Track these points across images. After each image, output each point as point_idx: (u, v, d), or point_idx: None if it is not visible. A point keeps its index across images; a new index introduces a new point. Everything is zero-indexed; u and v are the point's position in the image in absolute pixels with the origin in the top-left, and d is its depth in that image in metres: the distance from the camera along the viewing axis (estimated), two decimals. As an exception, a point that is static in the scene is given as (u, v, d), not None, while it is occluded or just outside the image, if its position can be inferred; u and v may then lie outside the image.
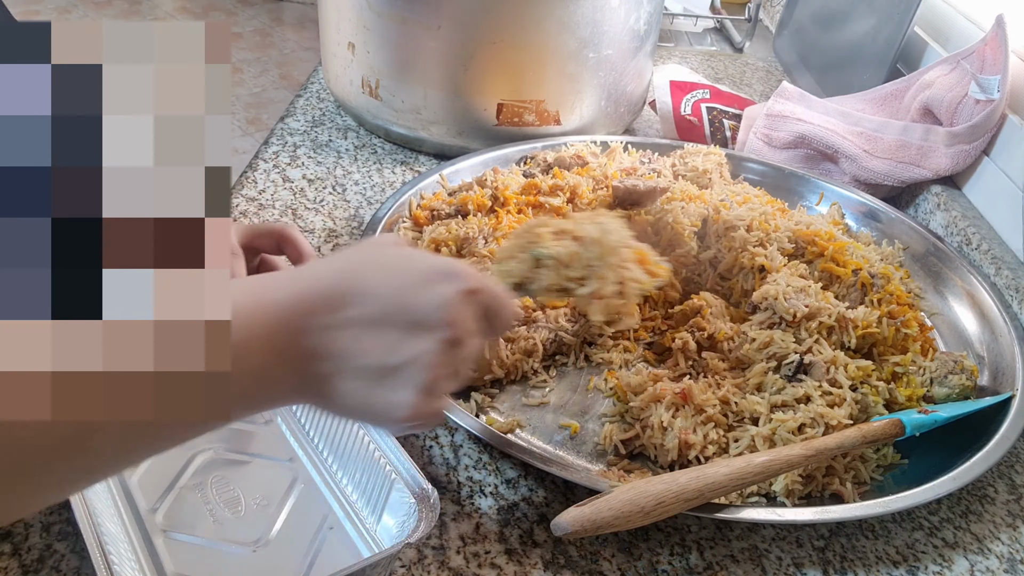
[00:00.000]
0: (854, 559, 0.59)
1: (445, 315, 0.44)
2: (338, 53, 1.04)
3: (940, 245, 0.89)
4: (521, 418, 0.67)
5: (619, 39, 1.00)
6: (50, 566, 0.52)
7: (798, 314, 0.70)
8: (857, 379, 0.67)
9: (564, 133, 1.03)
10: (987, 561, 0.60)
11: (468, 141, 1.01)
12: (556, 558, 0.56)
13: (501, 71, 0.97)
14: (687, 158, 0.97)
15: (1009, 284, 0.83)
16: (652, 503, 0.53)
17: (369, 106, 1.04)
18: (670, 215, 0.81)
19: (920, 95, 1.02)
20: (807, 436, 0.63)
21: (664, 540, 0.59)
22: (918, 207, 1.01)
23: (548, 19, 0.94)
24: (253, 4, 4.41)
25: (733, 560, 0.58)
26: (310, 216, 0.91)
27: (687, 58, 1.51)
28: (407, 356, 0.43)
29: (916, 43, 1.15)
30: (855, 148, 1.02)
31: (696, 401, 0.65)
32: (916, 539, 0.61)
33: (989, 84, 0.93)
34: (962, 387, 0.69)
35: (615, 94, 1.05)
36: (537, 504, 0.60)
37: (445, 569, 0.55)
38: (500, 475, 0.62)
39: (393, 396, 0.43)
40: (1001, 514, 0.65)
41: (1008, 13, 0.95)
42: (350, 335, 0.42)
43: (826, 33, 1.35)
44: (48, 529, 0.54)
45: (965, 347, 0.79)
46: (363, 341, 0.42)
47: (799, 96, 1.11)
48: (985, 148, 0.95)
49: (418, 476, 0.54)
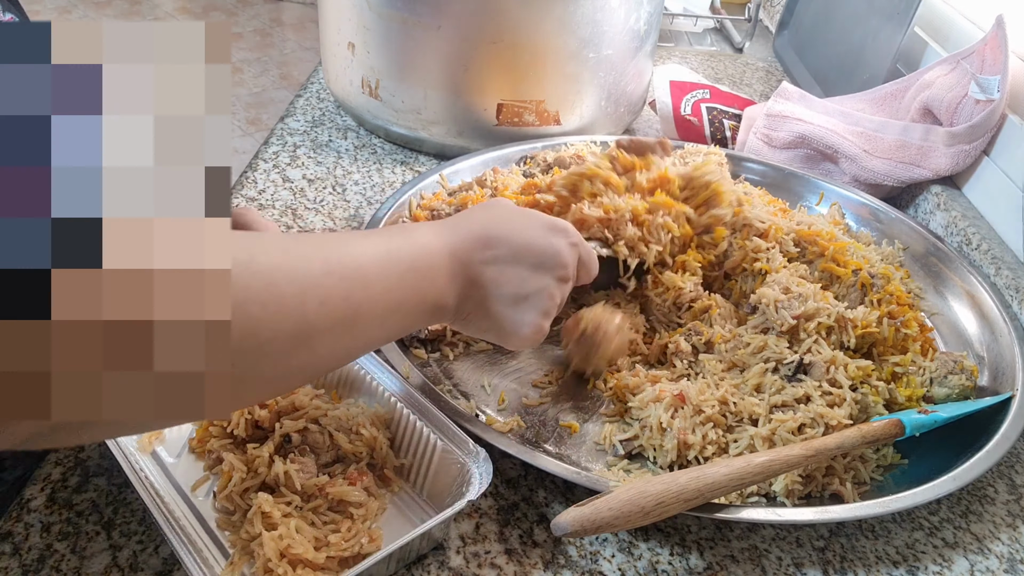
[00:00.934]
0: (854, 559, 0.59)
1: (560, 259, 0.58)
2: (338, 53, 1.04)
3: (940, 245, 0.89)
4: (520, 418, 0.67)
5: (619, 39, 1.00)
6: (50, 566, 0.52)
7: (785, 325, 0.70)
8: (857, 379, 0.67)
9: (564, 133, 1.03)
10: (987, 561, 0.60)
11: (468, 141, 1.01)
12: (556, 558, 0.56)
13: (501, 71, 0.97)
14: (687, 158, 0.97)
15: (1009, 284, 0.83)
16: (652, 503, 0.53)
17: (369, 106, 1.04)
18: (711, 174, 0.80)
19: (920, 95, 1.02)
20: (807, 436, 0.63)
21: (664, 540, 0.59)
22: (918, 207, 1.01)
23: (548, 19, 0.94)
24: (253, 4, 4.41)
25: (733, 560, 0.58)
26: (310, 216, 0.91)
27: (687, 58, 1.51)
28: (534, 288, 0.57)
29: (916, 43, 1.15)
30: (855, 148, 1.02)
31: (693, 402, 0.65)
32: (916, 539, 0.61)
33: (989, 84, 0.93)
34: (962, 387, 0.69)
35: (615, 94, 1.05)
36: (537, 504, 0.60)
37: (445, 569, 0.55)
38: (500, 475, 0.62)
39: (522, 316, 0.57)
40: (1001, 514, 0.65)
41: (1008, 13, 0.95)
42: (496, 269, 0.56)
43: (826, 33, 1.35)
44: (48, 529, 0.54)
45: (965, 347, 0.79)
46: (506, 273, 0.56)
47: (799, 96, 1.11)
48: (985, 148, 0.95)
49: (462, 435, 0.58)
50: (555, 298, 0.59)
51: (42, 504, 0.55)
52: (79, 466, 0.58)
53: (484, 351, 0.74)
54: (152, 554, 0.53)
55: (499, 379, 0.71)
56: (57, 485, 0.57)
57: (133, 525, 0.55)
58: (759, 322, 0.73)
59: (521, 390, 0.71)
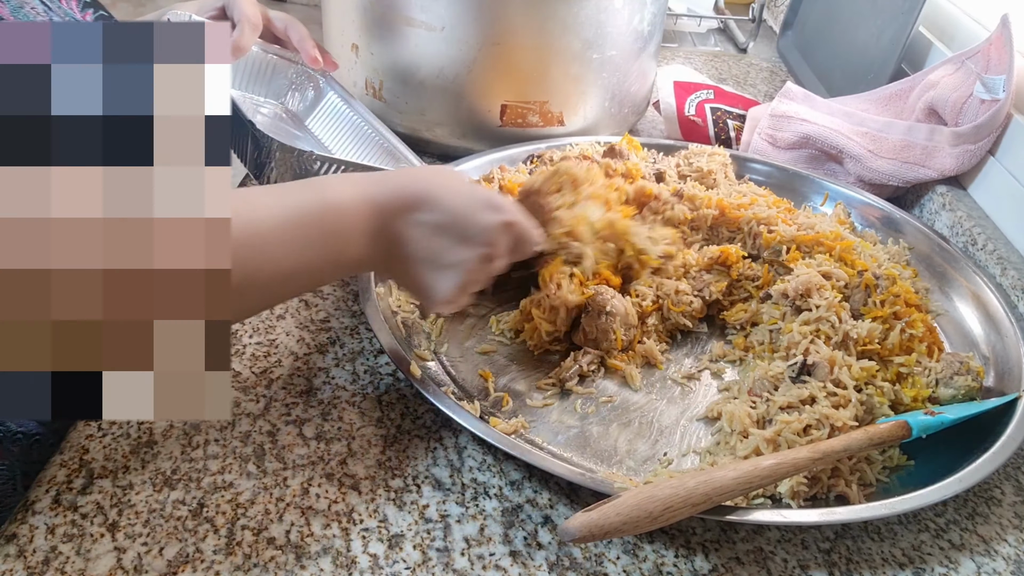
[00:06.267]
0: (860, 561, 0.59)
1: (488, 236, 0.58)
2: (342, 54, 1.04)
3: (945, 245, 0.88)
4: (525, 420, 0.67)
5: (623, 40, 1.00)
6: (55, 568, 0.52)
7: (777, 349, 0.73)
8: (862, 380, 0.67)
9: (568, 134, 1.03)
10: (994, 563, 0.60)
11: (472, 142, 1.01)
12: (561, 560, 0.56)
13: (505, 72, 0.97)
14: (692, 159, 0.97)
15: (1015, 284, 0.83)
16: (660, 508, 0.53)
17: (373, 107, 1.04)
18: None
19: (925, 95, 1.02)
20: (812, 438, 0.62)
21: (669, 542, 0.59)
22: (923, 207, 1.01)
23: (552, 20, 0.94)
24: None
25: (738, 562, 0.58)
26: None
27: (691, 59, 1.50)
28: (454, 260, 0.57)
29: (921, 43, 1.15)
30: (860, 148, 1.01)
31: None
32: (922, 541, 0.61)
33: (994, 84, 0.93)
34: (968, 388, 0.69)
35: (619, 95, 1.05)
36: (542, 506, 0.60)
37: (449, 571, 0.55)
38: (504, 477, 0.62)
39: (438, 283, 0.58)
40: (1008, 516, 0.64)
41: (1013, 13, 0.95)
42: (422, 232, 0.56)
43: (830, 33, 1.34)
44: (53, 531, 0.54)
45: (971, 348, 0.78)
46: (430, 239, 0.56)
47: (803, 96, 1.11)
48: (990, 148, 0.95)
49: None
50: (476, 274, 0.59)
51: (47, 506, 0.55)
52: (83, 468, 0.58)
53: (488, 352, 0.74)
54: (157, 556, 0.53)
55: (503, 380, 0.71)
56: (62, 487, 0.57)
57: (138, 527, 0.55)
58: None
59: (525, 391, 0.70)
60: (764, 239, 0.83)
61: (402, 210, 0.55)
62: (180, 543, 0.54)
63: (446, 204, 0.56)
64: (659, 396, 0.72)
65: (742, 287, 0.80)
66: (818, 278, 0.74)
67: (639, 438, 0.67)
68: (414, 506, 0.59)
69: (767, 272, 0.80)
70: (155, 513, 0.56)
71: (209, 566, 0.53)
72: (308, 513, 0.57)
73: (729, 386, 0.73)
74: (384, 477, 0.61)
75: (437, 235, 0.56)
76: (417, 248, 0.57)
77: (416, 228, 0.56)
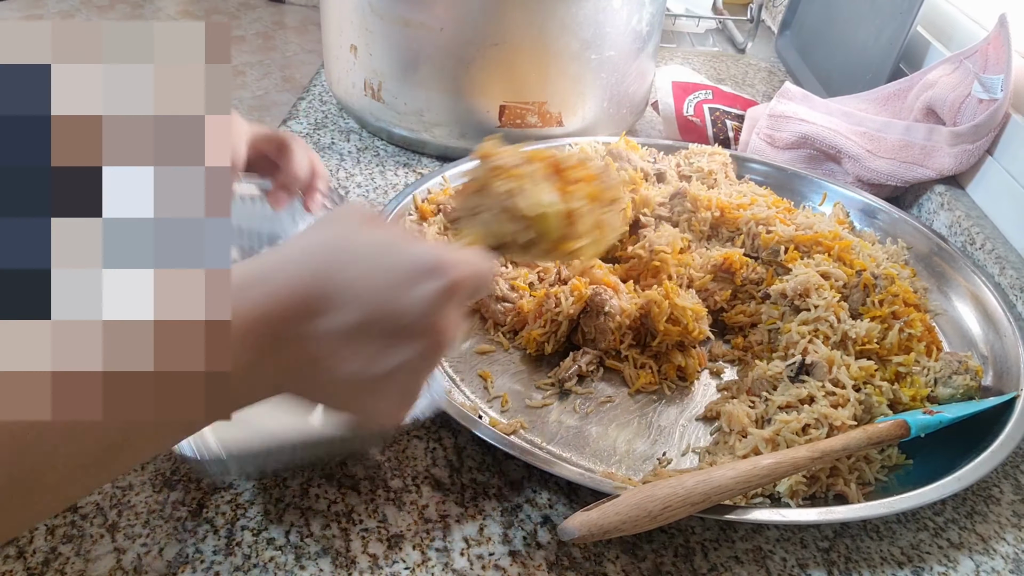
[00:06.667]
0: (859, 560, 0.59)
1: (430, 321, 0.40)
2: (340, 56, 1.04)
3: (944, 245, 0.88)
4: (524, 420, 0.67)
5: (621, 40, 1.00)
6: (55, 569, 0.52)
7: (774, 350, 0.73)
8: (860, 379, 0.67)
9: (567, 135, 1.03)
10: (992, 562, 0.60)
11: (471, 143, 1.01)
12: (560, 560, 0.56)
13: (503, 73, 0.97)
14: (692, 158, 0.97)
15: (1013, 284, 0.83)
16: (659, 507, 0.53)
17: (371, 108, 1.04)
18: None
19: (923, 95, 1.02)
20: (811, 437, 0.62)
21: (668, 542, 0.59)
22: (922, 207, 1.01)
23: (550, 21, 0.94)
24: (255, 7, 4.42)
25: (737, 562, 0.58)
26: (313, 218, 0.91)
27: (689, 59, 1.50)
28: (391, 365, 0.40)
29: (919, 43, 1.15)
30: (858, 148, 1.01)
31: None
32: (921, 540, 0.61)
33: (992, 83, 0.93)
34: (966, 387, 0.69)
35: (617, 95, 1.05)
36: (541, 506, 0.60)
37: (449, 571, 0.55)
38: (504, 477, 0.62)
39: (375, 404, 0.42)
40: (1006, 514, 0.64)
41: (1011, 12, 0.95)
42: (329, 345, 0.39)
43: (828, 33, 1.35)
44: (53, 532, 0.54)
45: (969, 347, 0.79)
46: (344, 351, 0.39)
47: (802, 96, 1.11)
48: (989, 148, 0.95)
49: None
50: (421, 372, 0.42)
51: (46, 507, 0.55)
52: (82, 469, 0.58)
53: (486, 352, 0.74)
54: (156, 557, 0.53)
55: (502, 380, 0.71)
56: (61, 488, 0.57)
57: (137, 528, 0.55)
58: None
59: (524, 391, 0.71)
60: (762, 239, 0.83)
61: (291, 321, 0.38)
62: (180, 544, 0.54)
63: (356, 292, 0.39)
64: (658, 396, 0.72)
65: (746, 291, 0.80)
66: (817, 278, 0.75)
67: (638, 438, 0.67)
68: (413, 506, 0.59)
69: (771, 275, 0.80)
70: (155, 514, 0.56)
71: (209, 567, 0.53)
72: (308, 513, 0.57)
73: (728, 386, 0.73)
74: (383, 477, 0.61)
75: (355, 341, 0.39)
76: (330, 368, 0.39)
77: (320, 342, 0.39)
